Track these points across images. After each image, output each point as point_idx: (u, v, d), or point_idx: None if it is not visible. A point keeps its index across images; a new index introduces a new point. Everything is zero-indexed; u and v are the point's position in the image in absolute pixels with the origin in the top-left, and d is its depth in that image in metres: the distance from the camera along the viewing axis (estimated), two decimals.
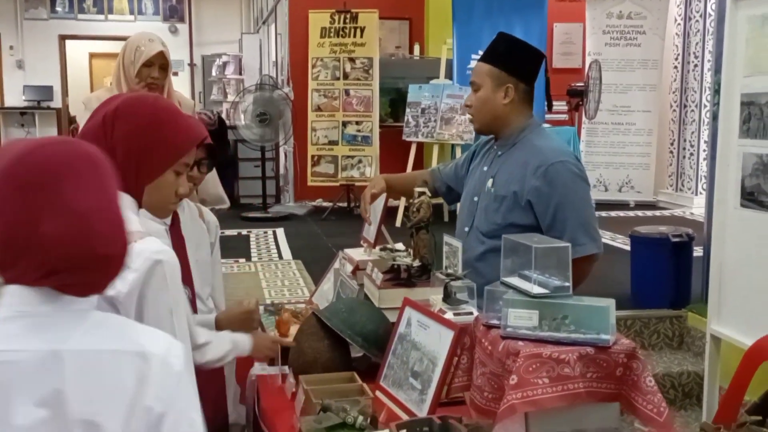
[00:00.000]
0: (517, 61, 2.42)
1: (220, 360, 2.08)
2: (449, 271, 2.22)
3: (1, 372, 1.12)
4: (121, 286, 1.46)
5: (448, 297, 2.06)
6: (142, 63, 3.10)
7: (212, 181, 3.49)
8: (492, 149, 2.55)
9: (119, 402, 1.14)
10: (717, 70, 3.72)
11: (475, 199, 2.53)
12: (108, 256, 1.17)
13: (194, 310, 2.26)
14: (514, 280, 1.66)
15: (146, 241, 1.53)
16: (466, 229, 2.53)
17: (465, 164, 2.70)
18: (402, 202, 6.92)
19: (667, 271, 4.43)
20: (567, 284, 1.60)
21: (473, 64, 7.60)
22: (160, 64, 3.15)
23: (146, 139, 1.60)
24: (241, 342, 2.16)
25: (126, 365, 1.15)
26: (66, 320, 1.17)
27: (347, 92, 8.24)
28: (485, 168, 2.54)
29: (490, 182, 2.47)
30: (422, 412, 1.81)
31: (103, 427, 1.12)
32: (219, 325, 2.21)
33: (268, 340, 2.29)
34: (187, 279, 2.25)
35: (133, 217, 1.60)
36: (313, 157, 8.25)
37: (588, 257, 2.30)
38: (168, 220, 2.23)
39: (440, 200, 2.91)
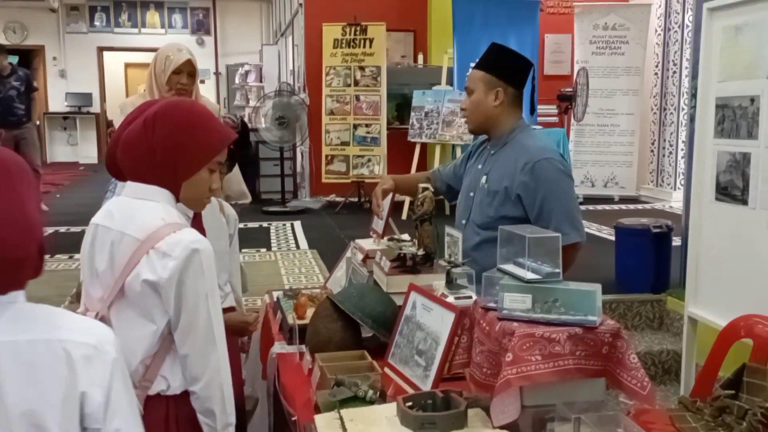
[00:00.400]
0: (506, 67, 2.45)
1: None
2: (450, 259, 2.22)
3: None
4: (162, 272, 1.49)
5: (449, 282, 2.05)
6: (172, 71, 3.09)
7: (236, 178, 3.49)
8: (486, 148, 2.57)
9: (55, 390, 1.12)
10: (694, 76, 3.70)
11: (471, 194, 2.54)
12: (18, 259, 1.11)
13: None
14: (510, 267, 1.66)
15: (184, 232, 1.54)
16: (464, 221, 2.54)
17: (462, 164, 2.71)
18: (407, 198, 6.93)
19: (648, 259, 4.43)
20: (557, 270, 1.60)
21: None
22: (188, 71, 3.14)
23: (184, 139, 1.60)
24: None
25: (58, 354, 1.12)
26: None
27: (357, 98, 8.23)
28: (479, 166, 2.55)
29: (484, 179, 2.49)
30: (426, 387, 1.81)
31: (43, 415, 1.10)
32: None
33: (237, 318, 2.34)
34: None
35: (172, 210, 1.61)
36: (326, 156, 8.26)
37: (572, 245, 2.30)
38: (190, 214, 2.22)
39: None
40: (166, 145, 1.59)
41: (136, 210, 1.59)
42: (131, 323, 1.55)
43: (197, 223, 2.26)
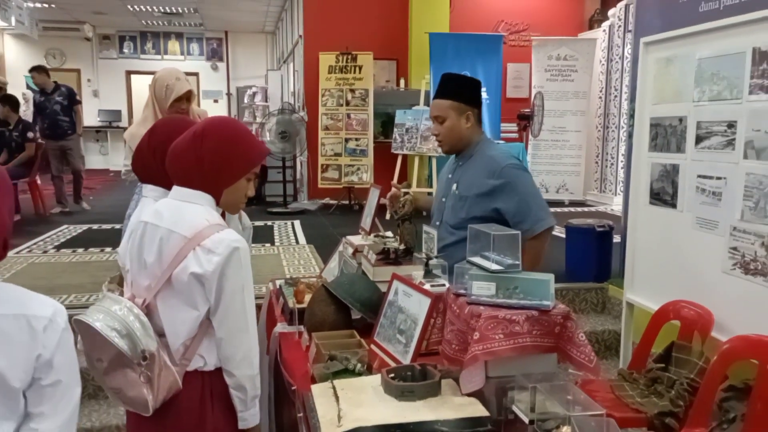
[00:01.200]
0: (468, 92, 2.44)
1: None
2: (427, 253, 2.22)
3: None
4: (207, 266, 1.51)
5: (426, 273, 2.06)
6: (174, 99, 3.04)
7: None
8: (454, 161, 2.59)
9: (18, 353, 1.23)
10: (632, 99, 3.73)
11: (443, 199, 2.55)
12: None
13: None
14: (477, 260, 1.66)
15: (226, 232, 1.55)
16: (438, 223, 2.55)
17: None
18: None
19: (593, 253, 4.46)
20: (517, 262, 1.60)
21: None
22: (188, 97, 3.10)
23: (229, 151, 1.60)
24: None
25: (23, 325, 1.23)
26: None
27: (348, 116, 8.21)
28: (450, 176, 2.57)
29: (454, 186, 2.50)
30: (406, 361, 1.80)
31: (9, 375, 1.22)
32: None
33: None
34: None
35: (214, 213, 1.61)
36: (322, 165, 8.23)
37: (549, 228, 2.36)
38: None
39: (422, 197, 2.90)
40: (214, 156, 1.59)
41: (183, 211, 1.59)
42: (176, 309, 1.56)
43: None
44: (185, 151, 1.61)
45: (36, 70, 7.65)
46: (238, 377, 1.58)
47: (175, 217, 1.58)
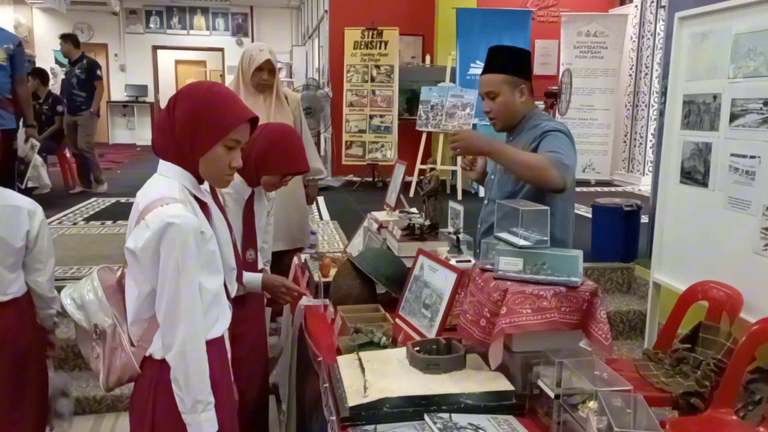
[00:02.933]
0: (520, 64, 2.25)
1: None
2: (453, 228, 2.22)
3: None
4: (138, 241, 1.40)
5: (452, 248, 2.06)
6: (255, 68, 3.08)
7: (312, 155, 3.45)
8: (505, 136, 2.37)
9: (15, 228, 2.03)
10: (665, 76, 3.66)
11: (492, 177, 2.40)
12: None
13: (255, 260, 2.24)
14: (505, 235, 1.66)
15: (170, 206, 1.41)
16: (486, 201, 2.41)
17: None
18: (415, 177, 6.91)
19: (619, 233, 4.41)
20: (545, 238, 1.59)
21: (472, 71, 7.57)
22: (269, 68, 3.11)
23: (197, 117, 1.46)
24: (250, 276, 2.12)
25: (16, 212, 2.03)
26: None
27: (373, 92, 8.17)
28: None
29: None
30: (431, 335, 1.82)
31: (10, 241, 2.02)
32: (263, 283, 2.16)
33: (279, 281, 2.18)
34: (251, 242, 2.23)
35: (176, 185, 1.48)
36: (346, 142, 8.22)
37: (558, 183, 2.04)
38: (245, 195, 2.18)
39: (446, 176, 2.87)
40: (183, 122, 1.47)
41: (151, 183, 1.51)
42: (128, 285, 1.50)
43: (249, 206, 2.19)
44: (160, 121, 1.52)
45: (62, 37, 7.35)
46: (173, 370, 1.41)
47: (144, 189, 1.50)
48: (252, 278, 2.12)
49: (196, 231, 1.41)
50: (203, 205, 1.55)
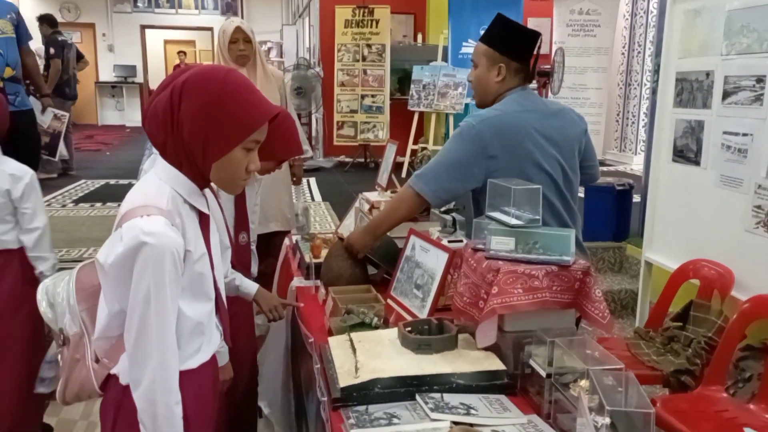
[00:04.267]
0: (509, 41, 2.02)
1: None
2: (444, 208, 2.20)
3: None
4: (108, 255, 1.20)
5: (443, 228, 2.05)
6: (229, 41, 3.02)
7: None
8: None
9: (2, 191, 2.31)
10: (657, 54, 3.63)
11: None
12: None
13: (248, 243, 2.23)
14: (497, 215, 1.64)
15: (149, 220, 1.18)
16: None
17: None
18: (407, 157, 6.88)
19: (611, 212, 4.42)
20: (537, 217, 1.58)
21: (464, 50, 7.52)
22: (243, 38, 3.04)
23: (214, 114, 1.21)
24: (247, 284, 2.01)
25: (6, 176, 2.31)
26: None
27: (365, 71, 8.11)
28: None
29: None
30: (423, 315, 1.81)
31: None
32: (257, 295, 2.04)
33: (273, 301, 2.04)
34: (244, 225, 2.21)
35: (166, 190, 1.25)
36: (338, 122, 8.18)
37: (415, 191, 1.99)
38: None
39: None
40: (193, 121, 1.21)
41: (142, 182, 1.29)
42: (100, 299, 1.29)
43: (240, 205, 2.14)
44: (159, 114, 1.23)
45: (38, 19, 7.10)
46: (139, 412, 1.20)
47: (134, 188, 1.29)
48: (247, 285, 2.07)
49: (176, 252, 1.19)
50: (201, 215, 1.32)
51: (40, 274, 2.42)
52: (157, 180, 1.26)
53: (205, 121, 1.21)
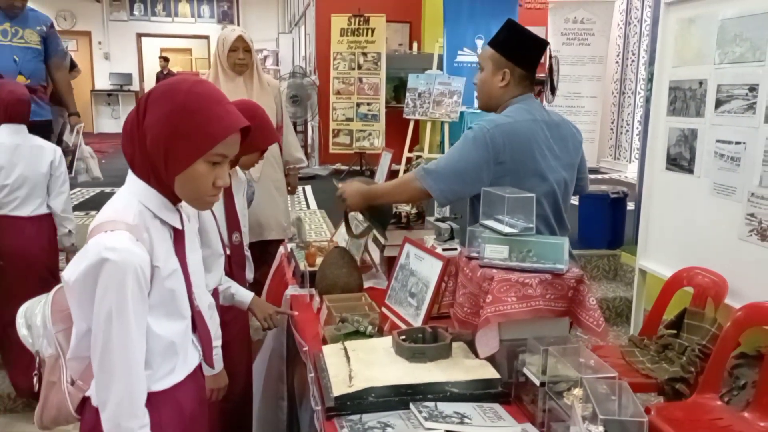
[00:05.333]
0: (516, 47, 2.02)
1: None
2: (439, 216, 2.21)
3: None
4: (72, 272, 1.15)
5: (438, 236, 2.05)
6: (229, 49, 3.03)
7: (294, 144, 3.42)
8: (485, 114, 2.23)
9: (43, 161, 2.94)
10: (651, 62, 3.65)
11: None
12: None
13: (241, 243, 2.23)
14: (490, 223, 1.65)
15: (113, 235, 1.14)
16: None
17: None
18: (402, 165, 6.89)
19: (606, 220, 4.43)
20: (531, 225, 1.58)
21: (460, 58, 7.54)
22: (243, 47, 3.05)
23: (175, 125, 1.17)
24: (242, 293, 2.04)
25: (41, 150, 2.94)
26: None
27: (360, 80, 8.13)
28: None
29: None
30: (417, 324, 1.81)
31: (39, 171, 2.94)
32: (252, 304, 2.06)
33: (268, 309, 2.07)
34: (235, 225, 2.21)
35: (135, 205, 1.21)
36: (333, 130, 8.18)
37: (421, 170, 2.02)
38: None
39: None
40: (155, 132, 1.18)
41: (114, 197, 1.26)
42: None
43: (227, 188, 2.16)
44: (127, 125, 1.23)
45: None
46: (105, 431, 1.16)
47: (108, 202, 1.26)
48: (243, 294, 2.08)
49: (139, 269, 1.14)
50: (175, 231, 1.28)
51: (68, 233, 3.06)
52: (127, 194, 1.23)
53: (165, 133, 1.17)
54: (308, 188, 7.16)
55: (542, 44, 2.08)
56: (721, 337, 2.25)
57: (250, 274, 2.37)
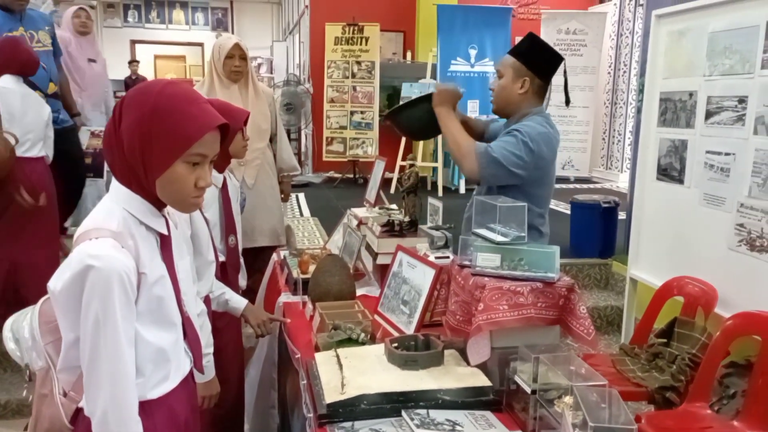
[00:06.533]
0: (537, 58, 2.18)
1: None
2: (432, 224, 2.22)
3: None
4: (57, 281, 1.14)
5: (431, 244, 2.06)
6: (225, 56, 3.04)
7: (287, 152, 3.43)
8: (505, 125, 2.31)
9: (44, 112, 3.29)
10: (642, 73, 3.69)
11: None
12: None
13: (236, 245, 2.24)
14: (483, 231, 1.66)
15: (97, 243, 1.13)
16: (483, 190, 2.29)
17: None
18: (396, 173, 6.91)
19: (597, 230, 4.45)
20: (523, 234, 1.60)
21: (453, 68, 7.58)
22: (239, 54, 3.06)
23: (148, 128, 1.16)
24: (236, 299, 2.06)
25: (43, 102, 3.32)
26: None
27: (354, 88, 8.15)
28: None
29: None
30: (410, 331, 1.81)
31: (40, 119, 3.31)
32: (245, 310, 2.08)
33: (261, 316, 2.08)
34: (232, 228, 2.23)
35: (117, 212, 1.20)
36: (327, 138, 8.20)
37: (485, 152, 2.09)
38: (219, 183, 2.19)
39: (426, 172, 2.87)
40: (130, 136, 1.17)
41: (97, 206, 1.24)
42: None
43: (225, 193, 2.17)
44: (106, 133, 1.23)
45: None
46: None
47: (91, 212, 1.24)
48: (236, 301, 2.08)
49: (125, 275, 1.13)
50: (162, 237, 1.26)
51: None
52: (110, 202, 1.22)
53: (140, 137, 1.16)
54: (302, 196, 7.16)
55: (560, 59, 2.22)
56: (711, 346, 2.26)
57: (243, 281, 2.37)
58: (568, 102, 2.31)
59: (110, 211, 1.20)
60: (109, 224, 1.17)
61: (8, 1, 3.55)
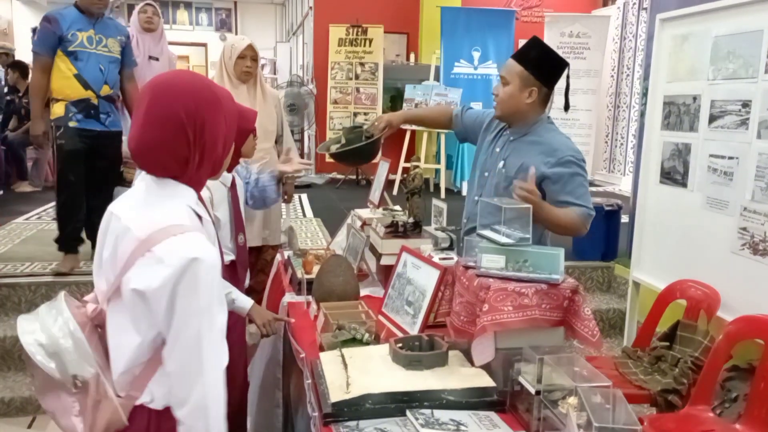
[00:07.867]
0: (545, 67, 2.16)
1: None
2: (437, 225, 2.22)
3: None
4: (152, 280, 1.14)
5: (435, 245, 2.07)
6: (237, 56, 3.07)
7: (293, 153, 3.44)
8: (505, 133, 2.29)
9: None
10: (645, 77, 3.69)
11: (486, 174, 2.29)
12: None
13: (245, 243, 2.26)
14: (487, 233, 1.67)
15: (185, 237, 1.16)
16: (476, 198, 2.27)
17: (483, 121, 2.43)
18: (399, 174, 6.92)
19: (600, 232, 4.44)
20: (527, 236, 1.60)
21: (456, 70, 7.58)
22: (251, 56, 3.10)
23: (217, 121, 1.24)
24: (242, 299, 2.08)
25: None
26: None
27: (358, 90, 8.17)
28: (497, 149, 2.27)
29: (501, 163, 2.22)
30: (414, 332, 1.82)
31: None
32: (251, 310, 2.09)
33: (267, 315, 2.10)
34: (240, 226, 2.24)
35: (181, 207, 1.22)
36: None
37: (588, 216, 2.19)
38: (228, 183, 2.21)
39: (429, 174, 2.89)
40: (207, 135, 1.22)
41: (151, 204, 1.23)
42: (121, 329, 1.22)
43: (234, 191, 2.21)
44: (155, 135, 1.20)
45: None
46: (188, 428, 1.19)
47: (137, 211, 1.22)
48: (242, 300, 2.09)
49: (219, 265, 1.19)
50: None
51: None
52: (164, 199, 1.22)
53: (214, 131, 1.23)
54: (304, 196, 7.17)
55: (564, 64, 2.20)
56: (714, 349, 2.27)
57: (246, 280, 2.38)
58: (567, 107, 2.27)
59: (173, 208, 1.21)
60: (181, 220, 1.19)
61: (87, 3, 3.68)
